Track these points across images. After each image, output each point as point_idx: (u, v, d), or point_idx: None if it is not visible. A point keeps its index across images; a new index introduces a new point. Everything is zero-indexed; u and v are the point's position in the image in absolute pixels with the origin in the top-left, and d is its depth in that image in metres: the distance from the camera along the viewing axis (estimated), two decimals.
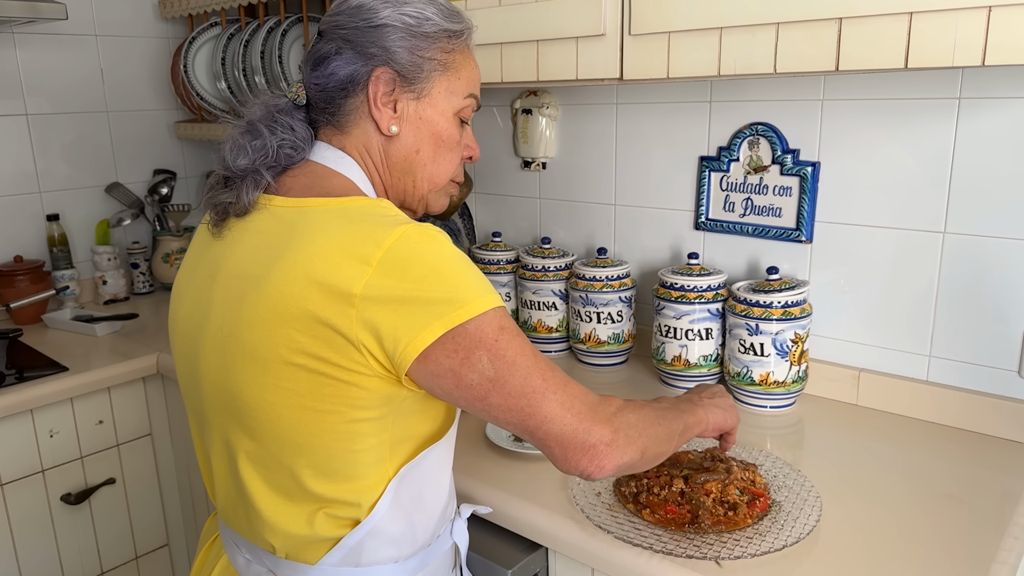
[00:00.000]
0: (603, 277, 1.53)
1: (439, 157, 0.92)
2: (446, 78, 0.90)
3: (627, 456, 0.80)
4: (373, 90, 0.87)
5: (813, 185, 1.35)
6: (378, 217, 0.80)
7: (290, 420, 0.80)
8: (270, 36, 1.87)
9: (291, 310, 0.77)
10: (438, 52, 0.89)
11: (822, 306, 1.39)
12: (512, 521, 1.08)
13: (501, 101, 1.79)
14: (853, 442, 1.23)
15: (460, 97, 0.92)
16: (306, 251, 0.78)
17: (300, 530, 0.85)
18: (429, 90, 0.89)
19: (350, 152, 0.90)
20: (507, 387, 0.77)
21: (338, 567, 0.86)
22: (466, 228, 1.93)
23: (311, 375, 0.78)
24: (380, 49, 0.86)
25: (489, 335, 0.77)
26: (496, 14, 1.29)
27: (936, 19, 0.88)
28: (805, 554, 0.93)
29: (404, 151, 0.90)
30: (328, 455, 0.81)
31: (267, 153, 0.87)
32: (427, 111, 0.90)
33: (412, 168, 0.91)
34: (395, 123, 0.89)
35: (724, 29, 1.05)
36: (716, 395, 1.02)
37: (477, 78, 0.95)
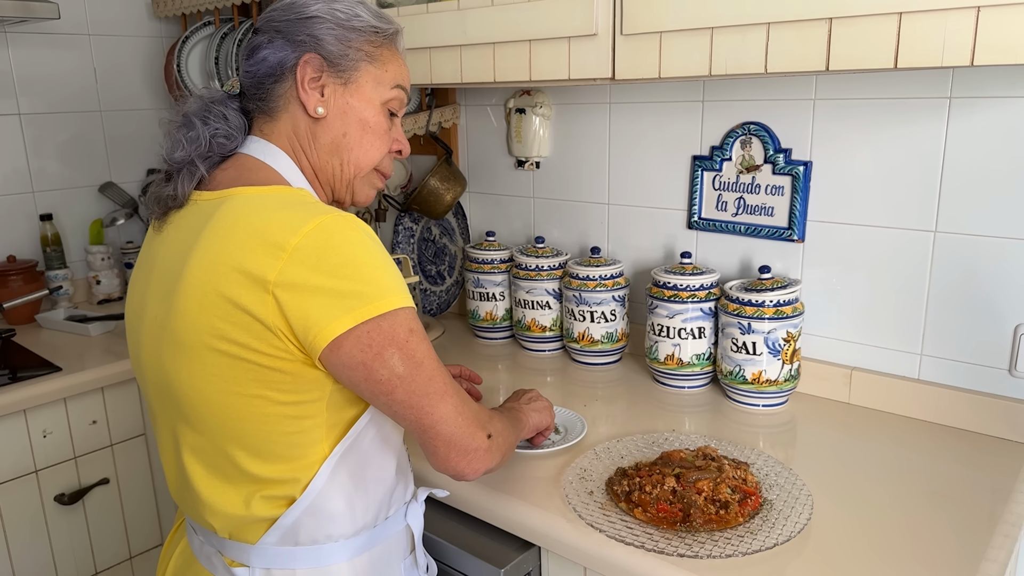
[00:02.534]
0: (596, 276, 1.53)
1: (365, 142, 0.95)
2: (373, 69, 0.94)
3: (494, 461, 0.88)
4: (301, 74, 0.90)
5: (805, 184, 1.36)
6: (299, 205, 0.83)
7: (220, 405, 0.83)
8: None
9: (209, 297, 0.80)
10: (365, 44, 0.93)
11: (814, 305, 1.40)
12: (504, 520, 1.08)
13: (495, 100, 1.79)
14: (845, 440, 1.24)
15: (387, 88, 0.95)
16: (222, 238, 0.81)
17: (237, 511, 0.88)
18: (356, 78, 0.93)
19: (278, 139, 0.93)
20: (413, 385, 0.82)
21: (277, 546, 0.89)
22: (460, 227, 1.93)
23: (234, 361, 0.81)
24: (309, 37, 0.91)
25: (401, 334, 0.81)
26: (488, 14, 1.29)
27: (925, 19, 0.88)
28: (796, 552, 0.93)
29: (331, 134, 0.93)
30: (261, 438, 0.84)
31: (200, 143, 0.90)
32: (353, 98, 0.93)
33: (339, 150, 0.94)
34: (322, 105, 0.92)
35: (715, 29, 1.05)
36: (532, 399, 1.18)
37: (406, 75, 0.98)
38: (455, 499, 1.13)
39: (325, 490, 0.87)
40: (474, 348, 1.74)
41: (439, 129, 1.84)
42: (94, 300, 2.16)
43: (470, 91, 1.84)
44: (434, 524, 1.14)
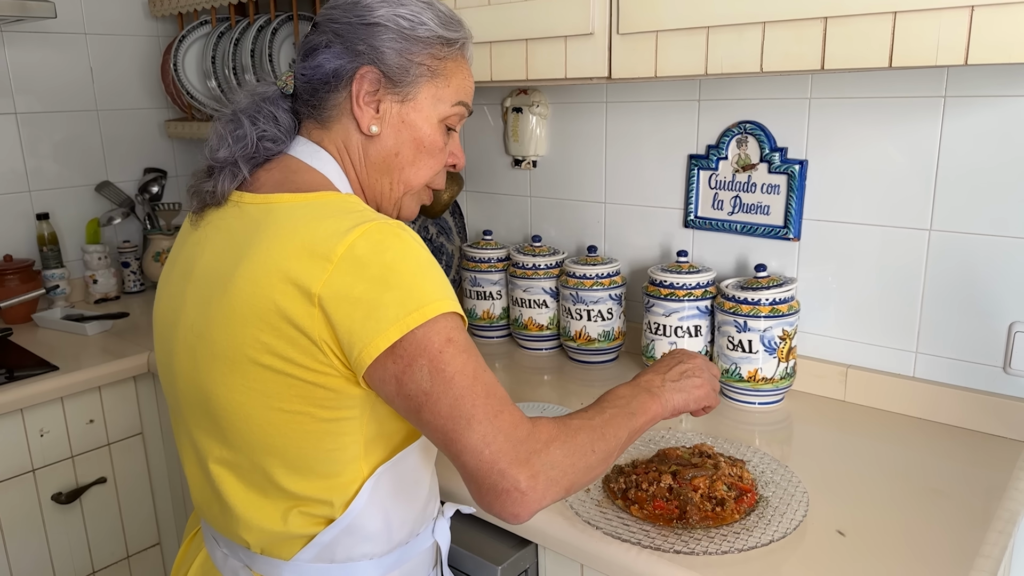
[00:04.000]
0: (593, 275, 1.53)
1: (419, 161, 0.92)
2: (434, 84, 0.89)
3: (547, 500, 0.74)
4: (357, 88, 0.86)
5: (801, 183, 1.36)
6: (344, 213, 0.79)
7: (260, 421, 0.80)
8: (260, 34, 1.86)
9: (256, 309, 0.76)
10: (428, 58, 0.88)
11: (810, 303, 1.40)
12: None
13: (491, 100, 1.80)
14: (840, 438, 1.24)
15: (448, 104, 0.91)
16: (270, 249, 0.77)
17: (274, 526, 0.85)
18: (415, 94, 0.88)
19: (328, 147, 0.90)
20: (437, 406, 0.74)
21: (312, 563, 0.87)
22: (457, 226, 1.93)
23: (278, 376, 0.77)
24: (369, 47, 0.86)
25: (435, 344, 0.74)
26: (485, 13, 1.29)
27: (920, 18, 0.89)
28: (792, 549, 0.94)
29: (384, 152, 0.90)
30: (300, 454, 0.81)
31: (246, 145, 0.87)
32: (411, 115, 0.89)
33: (390, 169, 0.91)
34: (376, 123, 0.88)
35: (711, 28, 1.05)
36: (685, 374, 0.95)
37: (469, 87, 0.94)
38: (451, 496, 1.13)
39: (366, 510, 0.85)
40: None
41: None
42: (91, 299, 2.15)
43: None
44: None
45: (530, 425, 0.76)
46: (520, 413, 0.76)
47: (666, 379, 0.94)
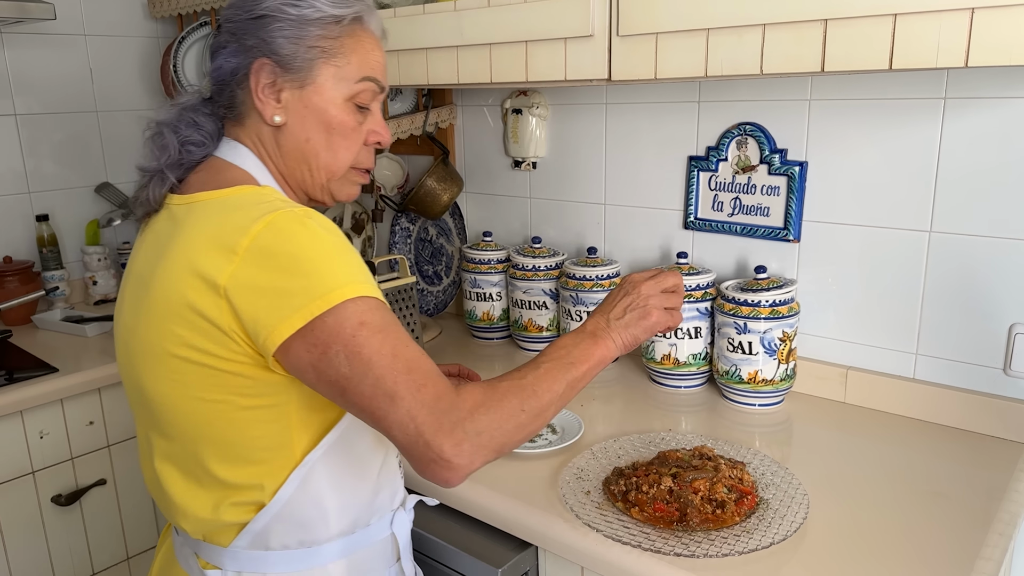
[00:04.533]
0: (593, 276, 1.53)
1: (333, 145, 0.91)
2: (333, 64, 0.88)
3: (476, 464, 0.76)
4: (254, 82, 0.87)
5: (801, 184, 1.36)
6: (253, 205, 0.81)
7: (187, 411, 0.83)
8: None
9: (171, 304, 0.80)
10: (320, 39, 0.87)
11: (810, 305, 1.40)
12: (501, 520, 1.08)
13: (491, 101, 1.80)
14: (841, 440, 1.24)
15: (351, 82, 0.89)
16: (183, 245, 0.81)
17: (208, 515, 0.87)
18: (313, 78, 0.88)
19: (246, 143, 0.91)
20: (360, 388, 0.75)
21: (249, 550, 0.88)
22: (456, 227, 1.93)
23: (197, 367, 0.80)
24: (259, 41, 0.87)
25: (347, 329, 0.75)
26: (485, 15, 1.29)
27: (920, 21, 0.88)
28: (792, 551, 0.94)
29: (294, 140, 0.90)
30: (228, 442, 0.84)
31: (170, 153, 0.90)
32: (313, 99, 0.88)
33: (306, 156, 0.91)
34: (279, 113, 0.88)
35: (711, 30, 1.05)
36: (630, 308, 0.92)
37: (375, 62, 0.91)
38: (452, 499, 1.13)
39: (296, 496, 0.86)
40: (471, 348, 1.74)
41: (436, 129, 1.84)
42: (90, 301, 2.15)
43: (466, 91, 1.84)
44: (431, 524, 1.14)
45: (454, 395, 0.76)
46: (445, 384, 0.77)
47: (610, 319, 0.92)
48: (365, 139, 0.93)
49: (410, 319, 1.61)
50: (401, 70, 1.45)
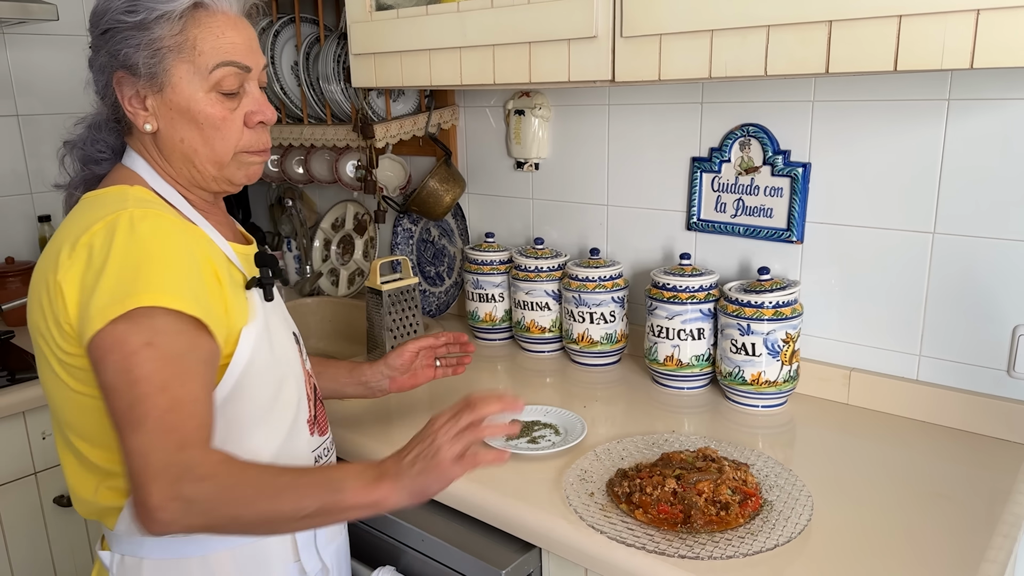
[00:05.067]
0: (596, 277, 1.53)
1: (209, 139, 0.90)
2: (183, 60, 0.87)
3: (175, 528, 0.74)
4: (119, 95, 0.89)
5: (804, 186, 1.36)
6: (108, 205, 0.85)
7: (58, 398, 0.88)
8: (262, 37, 1.86)
9: (34, 294, 0.86)
10: (164, 39, 0.86)
11: (813, 306, 1.40)
12: (505, 521, 1.08)
13: (493, 102, 1.80)
14: (844, 441, 1.24)
15: (207, 72, 0.87)
16: (51, 241, 0.87)
17: (89, 496, 0.91)
18: (168, 79, 0.87)
19: (138, 150, 0.94)
20: (117, 402, 0.76)
21: (127, 535, 0.90)
22: (459, 228, 1.93)
23: (58, 361, 0.84)
24: (110, 56, 0.88)
25: (132, 342, 0.75)
26: (488, 16, 1.29)
27: (925, 22, 0.88)
28: (796, 553, 0.94)
29: (170, 142, 0.91)
30: (90, 427, 0.87)
31: (74, 171, 0.97)
32: (174, 100, 0.88)
33: (186, 156, 0.91)
34: (149, 121, 0.89)
35: (715, 31, 1.05)
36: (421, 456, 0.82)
37: (228, 45, 0.88)
38: (454, 500, 1.13)
39: None
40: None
41: (438, 130, 1.84)
42: None
43: (469, 93, 1.84)
44: (434, 525, 1.14)
45: (199, 455, 0.75)
46: (199, 439, 0.75)
47: (403, 464, 0.83)
48: (244, 122, 0.92)
49: (412, 320, 1.61)
50: (404, 71, 1.45)
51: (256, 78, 0.93)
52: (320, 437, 1.04)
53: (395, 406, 1.42)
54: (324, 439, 1.05)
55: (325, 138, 1.82)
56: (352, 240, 2.15)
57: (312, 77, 1.81)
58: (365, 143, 1.73)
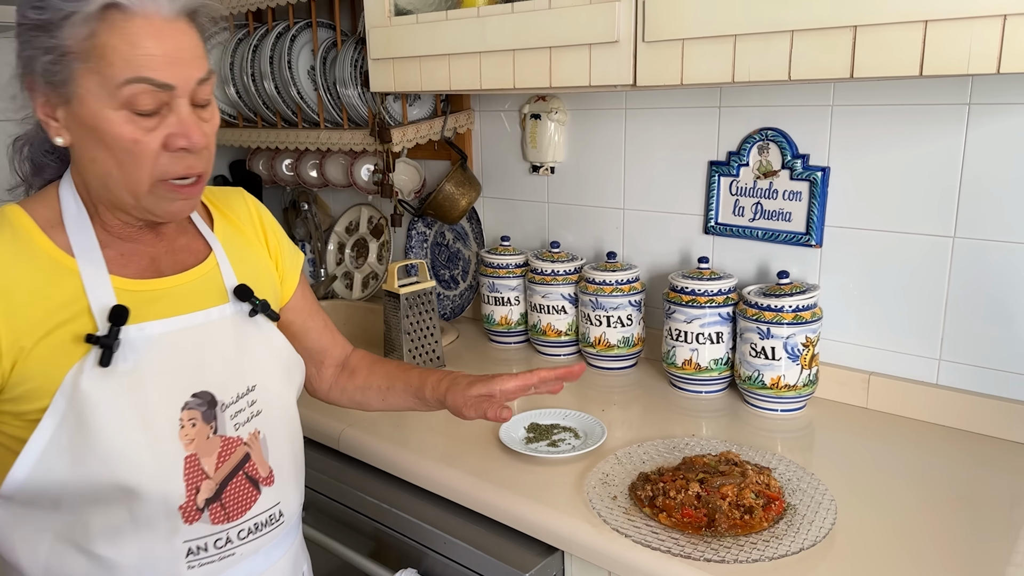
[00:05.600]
0: (612, 281, 1.54)
1: (121, 162, 0.77)
2: (91, 69, 0.73)
3: None
4: (34, 103, 0.79)
5: (823, 190, 1.36)
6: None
7: None
8: (279, 41, 1.87)
9: None
10: (73, 42, 0.73)
11: (832, 310, 1.40)
12: (528, 524, 1.08)
13: (509, 106, 1.80)
14: (864, 445, 1.24)
15: (115, 87, 0.74)
16: None
17: None
18: (75, 90, 0.75)
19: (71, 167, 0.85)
20: None
21: None
22: (474, 232, 1.93)
23: None
24: (21, 61, 0.78)
25: None
26: (508, 21, 1.29)
27: (951, 27, 0.89)
28: (821, 557, 0.94)
29: (83, 160, 0.80)
30: None
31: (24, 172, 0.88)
32: (82, 114, 0.76)
33: (99, 178, 0.80)
34: (60, 134, 0.79)
35: (738, 36, 1.05)
36: None
37: (142, 56, 0.74)
38: (477, 503, 1.14)
39: None
40: (489, 352, 1.74)
41: (454, 134, 1.84)
42: None
43: (484, 97, 1.85)
44: (456, 528, 1.14)
45: None
46: None
47: None
48: (164, 145, 0.78)
49: (429, 323, 1.61)
50: (423, 76, 1.46)
51: (187, 95, 0.78)
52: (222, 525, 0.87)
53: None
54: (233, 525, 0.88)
55: (341, 142, 1.83)
56: (366, 243, 2.15)
57: (329, 81, 1.82)
58: (382, 147, 1.74)
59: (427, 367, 1.17)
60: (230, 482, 0.87)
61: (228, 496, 0.87)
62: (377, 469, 1.29)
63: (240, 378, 0.89)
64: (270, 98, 1.93)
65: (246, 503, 0.89)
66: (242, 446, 0.88)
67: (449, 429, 1.33)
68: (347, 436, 1.34)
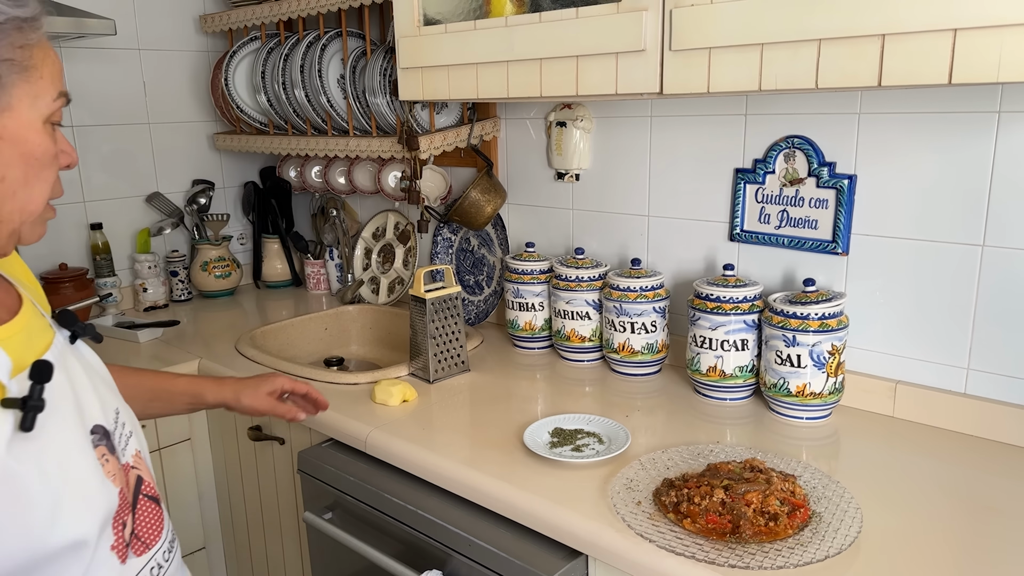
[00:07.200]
0: (637, 287, 1.54)
1: (32, 179, 0.73)
2: (28, 81, 0.71)
3: None
4: None
5: (850, 198, 1.36)
6: None
7: None
8: (309, 50, 1.91)
9: None
10: (13, 50, 0.69)
11: (858, 318, 1.39)
12: (552, 528, 1.09)
13: (534, 114, 1.82)
14: (890, 454, 1.23)
15: (49, 100, 0.73)
16: None
17: None
18: (8, 102, 0.70)
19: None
20: None
21: None
22: (499, 238, 1.95)
23: None
24: None
25: None
26: (536, 30, 1.31)
27: (981, 35, 0.89)
28: (847, 565, 0.94)
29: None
30: None
31: None
32: (11, 127, 0.71)
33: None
34: None
35: (766, 45, 1.06)
36: None
37: (59, 71, 0.75)
38: (500, 506, 1.15)
39: None
40: (513, 357, 1.76)
41: (480, 142, 1.86)
42: (140, 307, 2.21)
43: (511, 105, 1.87)
44: (481, 530, 1.15)
45: None
46: None
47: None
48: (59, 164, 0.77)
49: (454, 328, 1.63)
50: (451, 84, 1.48)
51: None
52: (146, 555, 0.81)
53: (437, 411, 1.44)
54: (154, 551, 0.83)
55: (370, 149, 1.86)
56: (392, 249, 2.18)
57: (358, 90, 1.85)
58: (409, 154, 1.76)
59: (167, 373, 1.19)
60: (136, 508, 0.82)
61: (140, 523, 0.82)
62: (403, 471, 1.31)
63: (105, 403, 0.82)
64: (300, 106, 1.97)
65: (157, 524, 0.85)
66: (132, 470, 0.83)
67: (474, 433, 1.35)
68: (374, 438, 1.36)
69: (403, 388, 1.47)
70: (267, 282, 2.44)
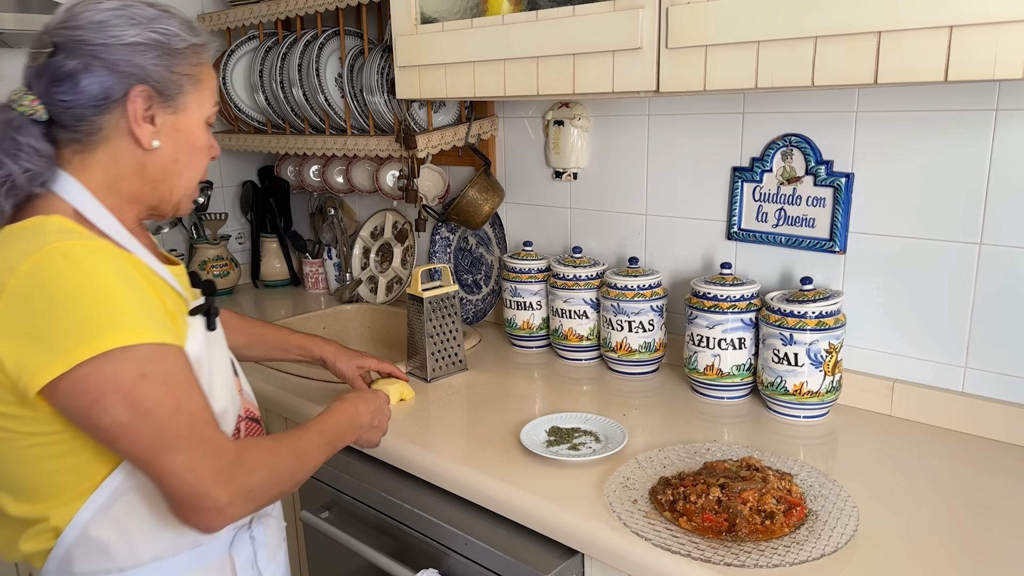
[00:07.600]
0: (634, 286, 1.54)
1: (193, 163, 0.97)
2: (198, 91, 0.94)
3: (237, 517, 0.84)
4: (132, 108, 0.88)
5: (847, 196, 1.36)
6: (29, 239, 0.81)
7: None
8: (307, 49, 1.91)
9: None
10: (189, 67, 0.93)
11: (855, 316, 1.39)
12: (548, 526, 1.09)
13: (532, 112, 1.82)
14: (887, 453, 1.23)
15: (209, 105, 0.97)
16: None
17: (9, 547, 0.91)
18: (184, 104, 0.93)
19: (93, 171, 0.90)
20: (138, 437, 0.79)
21: (60, 573, 0.89)
22: (496, 237, 1.95)
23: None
24: (135, 67, 0.88)
25: (126, 380, 0.78)
26: (532, 28, 1.31)
27: (977, 33, 0.88)
28: (843, 563, 0.93)
29: (163, 162, 0.93)
30: (22, 476, 0.86)
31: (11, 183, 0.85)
32: (183, 123, 0.94)
33: (169, 177, 0.95)
34: (156, 137, 0.91)
35: (762, 42, 1.06)
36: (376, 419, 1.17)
37: (217, 84, 1.01)
38: (497, 504, 1.15)
39: (95, 521, 0.87)
40: (510, 356, 1.75)
41: (478, 141, 1.86)
42: None
43: (508, 103, 1.87)
44: (477, 529, 1.15)
45: (236, 451, 0.85)
46: (224, 440, 0.84)
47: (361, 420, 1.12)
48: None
49: (452, 327, 1.63)
50: (448, 83, 1.48)
51: None
52: None
53: (434, 410, 1.44)
54: None
55: (368, 148, 1.86)
56: (391, 248, 2.18)
57: (356, 89, 1.85)
58: (407, 153, 1.76)
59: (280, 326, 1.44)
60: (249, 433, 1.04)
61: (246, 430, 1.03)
62: (400, 470, 1.31)
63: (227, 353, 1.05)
64: (298, 105, 1.97)
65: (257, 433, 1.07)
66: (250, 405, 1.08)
67: (471, 432, 1.35)
68: None
69: (400, 387, 1.47)
70: (265, 281, 2.44)
